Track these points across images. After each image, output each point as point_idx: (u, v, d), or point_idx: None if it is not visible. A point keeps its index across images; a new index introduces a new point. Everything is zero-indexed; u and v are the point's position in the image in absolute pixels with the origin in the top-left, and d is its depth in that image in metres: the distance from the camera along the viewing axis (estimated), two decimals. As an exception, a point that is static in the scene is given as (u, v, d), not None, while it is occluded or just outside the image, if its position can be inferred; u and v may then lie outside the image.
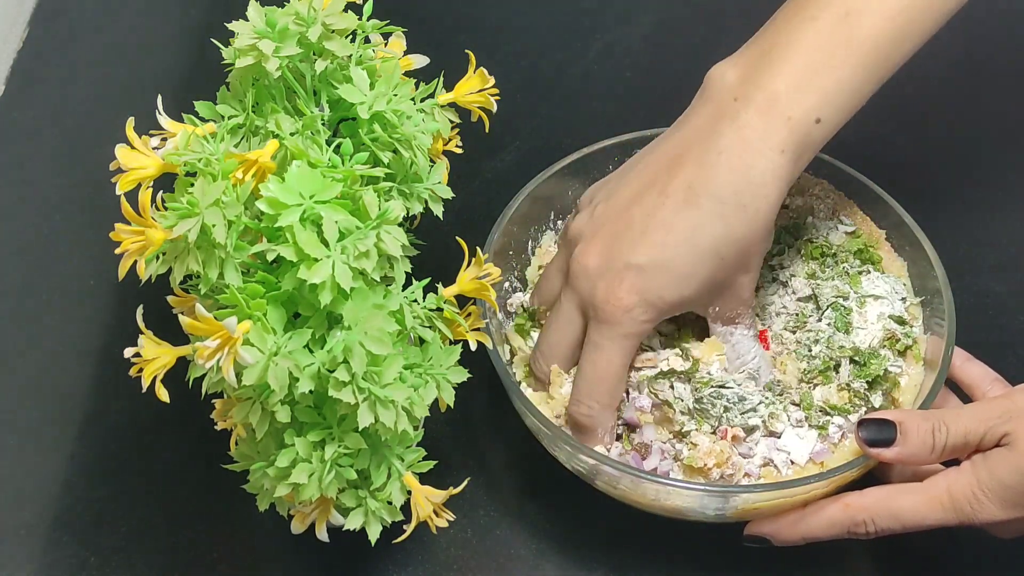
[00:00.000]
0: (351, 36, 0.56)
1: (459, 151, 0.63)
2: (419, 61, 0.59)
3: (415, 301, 0.55)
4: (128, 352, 0.51)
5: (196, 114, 0.55)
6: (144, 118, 0.51)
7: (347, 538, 0.57)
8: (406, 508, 0.56)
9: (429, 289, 0.56)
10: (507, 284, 0.71)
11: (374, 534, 0.56)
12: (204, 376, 0.50)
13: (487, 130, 0.62)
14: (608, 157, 0.73)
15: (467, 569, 0.65)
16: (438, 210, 0.59)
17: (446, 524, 0.57)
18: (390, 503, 0.56)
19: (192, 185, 0.49)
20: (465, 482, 0.60)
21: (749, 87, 0.60)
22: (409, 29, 0.60)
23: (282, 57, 0.53)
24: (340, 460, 0.53)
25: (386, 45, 0.59)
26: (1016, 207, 0.81)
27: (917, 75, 0.62)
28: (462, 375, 0.56)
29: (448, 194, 0.59)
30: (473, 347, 0.58)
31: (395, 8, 0.62)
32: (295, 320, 0.51)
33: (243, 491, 0.57)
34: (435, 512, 0.56)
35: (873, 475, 0.61)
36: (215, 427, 0.56)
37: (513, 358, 0.69)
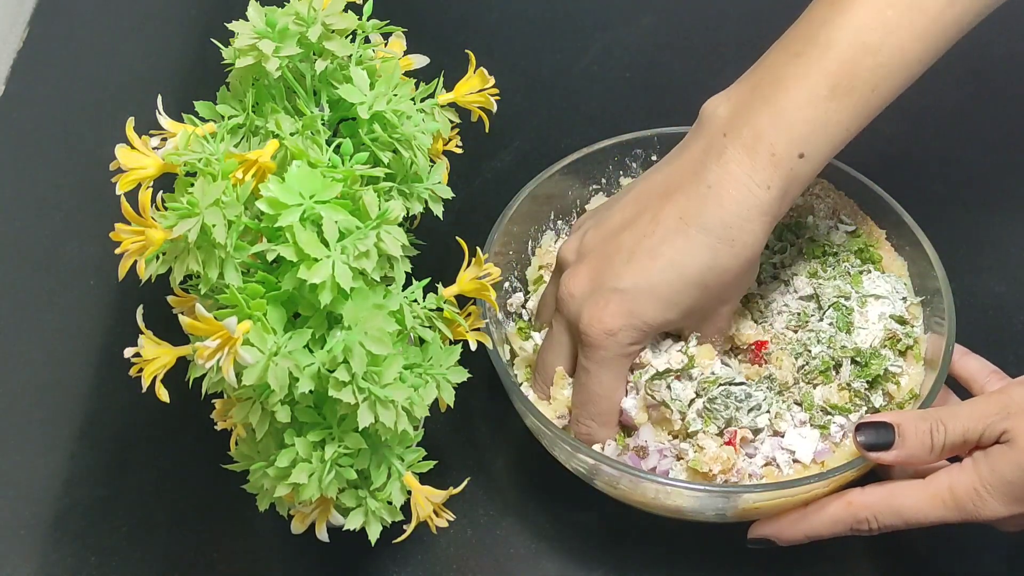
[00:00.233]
0: (351, 36, 0.56)
1: (459, 151, 0.63)
2: (419, 61, 0.59)
3: (415, 301, 0.55)
4: (128, 352, 0.51)
5: (196, 114, 0.55)
6: (144, 118, 0.51)
7: (347, 538, 0.57)
8: (406, 508, 0.56)
9: (429, 289, 0.56)
10: (507, 284, 0.71)
11: (374, 534, 0.56)
12: (204, 376, 0.50)
13: (487, 130, 0.62)
14: (608, 157, 0.73)
15: (467, 569, 0.65)
16: (438, 210, 0.59)
17: (446, 524, 0.57)
18: (390, 503, 0.56)
19: (192, 185, 0.49)
20: (465, 482, 0.60)
21: (737, 122, 0.61)
22: (409, 29, 0.60)
23: (282, 57, 0.53)
24: (340, 460, 0.53)
25: (386, 45, 0.59)
26: (1016, 207, 0.81)
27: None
28: (462, 375, 0.56)
29: (448, 194, 0.59)
30: (473, 347, 0.58)
31: (395, 8, 0.62)
32: (295, 320, 0.51)
33: (243, 491, 0.57)
34: (435, 512, 0.56)
35: (875, 472, 0.61)
36: (215, 427, 0.56)
37: (513, 358, 0.69)
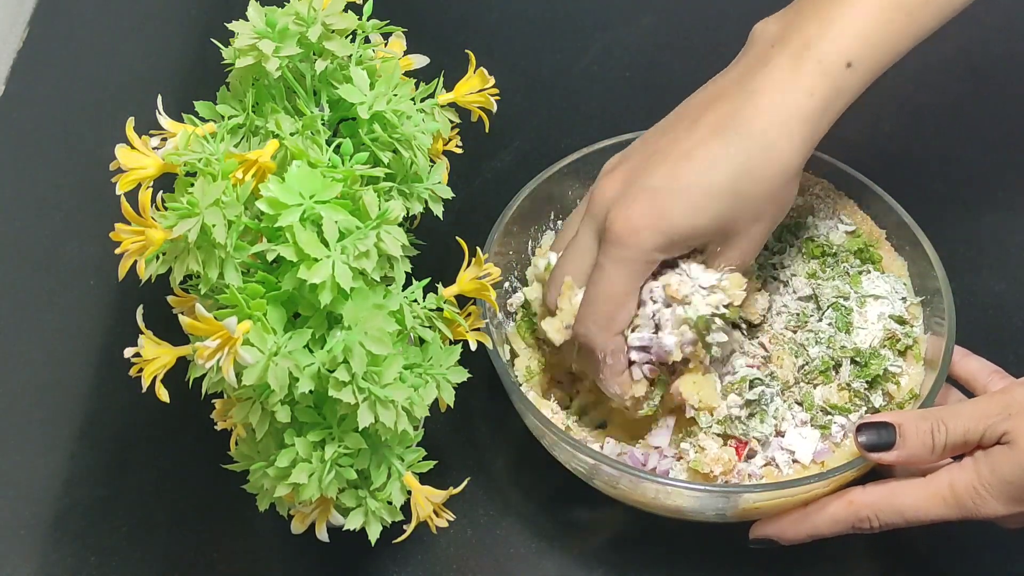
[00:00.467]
0: (351, 36, 0.56)
1: (459, 151, 0.63)
2: (419, 61, 0.59)
3: (415, 301, 0.55)
4: (128, 352, 0.51)
5: (196, 114, 0.55)
6: (144, 118, 0.51)
7: (347, 538, 0.57)
8: (406, 508, 0.56)
9: (429, 289, 0.56)
10: (507, 284, 0.71)
11: (374, 534, 0.56)
12: (204, 376, 0.50)
13: (487, 130, 0.62)
14: (608, 157, 0.73)
15: (467, 569, 0.65)
16: (438, 210, 0.59)
17: (446, 524, 0.57)
18: (390, 503, 0.56)
19: (192, 185, 0.49)
20: (465, 482, 0.60)
21: (786, 34, 0.61)
22: (409, 29, 0.60)
23: (282, 57, 0.53)
24: (340, 460, 0.53)
25: (386, 45, 0.59)
26: (1016, 207, 0.81)
27: (917, 75, 0.62)
28: (462, 375, 0.56)
29: (448, 194, 0.59)
30: (473, 347, 0.58)
31: (395, 8, 0.62)
32: (295, 320, 0.51)
33: (243, 491, 0.57)
34: (435, 512, 0.56)
35: (876, 470, 0.61)
36: (215, 427, 0.56)
37: (513, 358, 0.69)
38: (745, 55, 0.63)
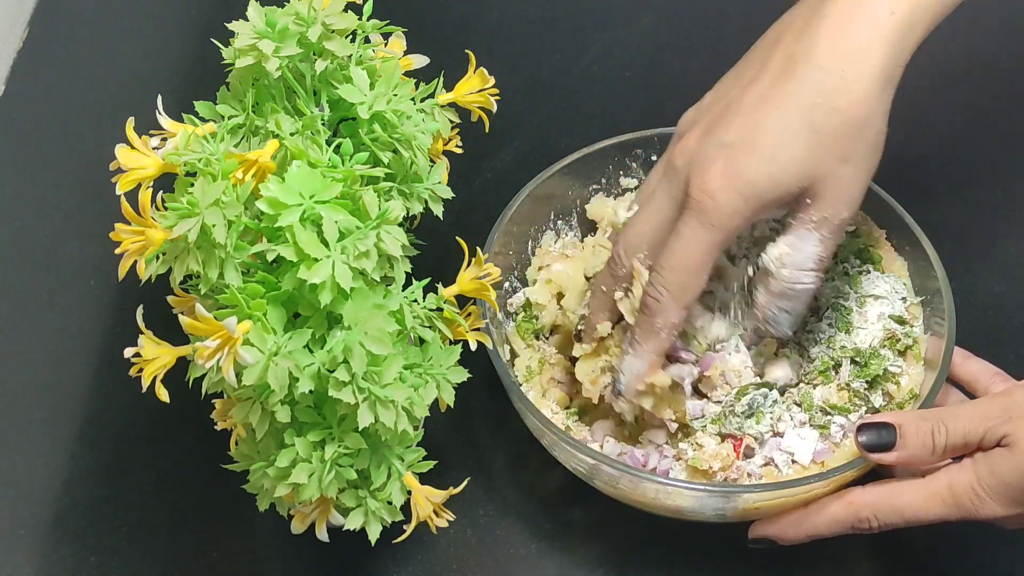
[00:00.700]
0: (351, 36, 0.56)
1: (459, 151, 0.63)
2: (419, 61, 0.59)
3: (415, 301, 0.55)
4: (128, 352, 0.51)
5: (196, 114, 0.55)
6: (144, 118, 0.51)
7: (347, 538, 0.57)
8: (406, 508, 0.56)
9: (429, 289, 0.56)
10: (507, 284, 0.71)
11: (374, 534, 0.56)
12: (204, 376, 0.50)
13: (487, 130, 0.62)
14: (608, 157, 0.73)
15: (467, 569, 0.65)
16: (438, 210, 0.59)
17: (446, 524, 0.57)
18: (390, 503, 0.56)
19: (192, 185, 0.49)
20: (465, 482, 0.60)
21: None
22: (409, 29, 0.60)
23: (282, 57, 0.53)
24: (340, 460, 0.53)
25: (386, 45, 0.59)
26: (1016, 207, 0.81)
27: (917, 75, 0.62)
28: (462, 375, 0.56)
29: (448, 194, 0.59)
30: (473, 347, 0.58)
31: (395, 8, 0.62)
32: (295, 320, 0.51)
33: (243, 491, 0.57)
34: (435, 512, 0.56)
35: (876, 470, 0.61)
36: (215, 427, 0.56)
37: (513, 358, 0.69)
38: None
